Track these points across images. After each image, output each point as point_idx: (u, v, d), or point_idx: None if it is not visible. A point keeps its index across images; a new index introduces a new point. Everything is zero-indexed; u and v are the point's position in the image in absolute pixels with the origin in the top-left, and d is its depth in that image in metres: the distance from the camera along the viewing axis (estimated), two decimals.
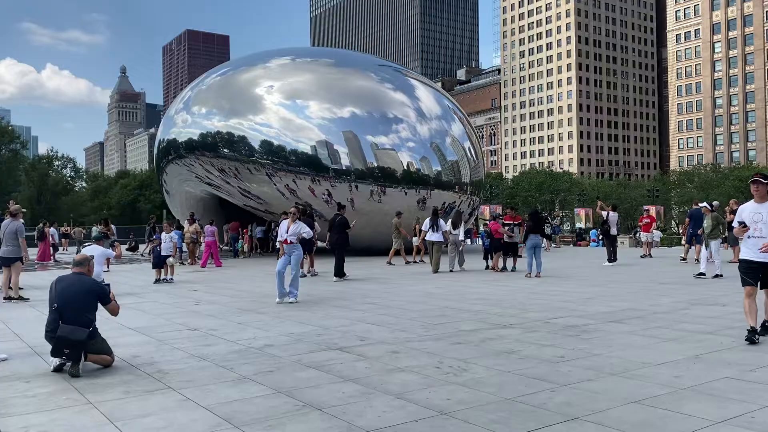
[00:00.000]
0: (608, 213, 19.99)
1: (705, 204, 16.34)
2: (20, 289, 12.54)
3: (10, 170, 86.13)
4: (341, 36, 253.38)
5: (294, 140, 24.38)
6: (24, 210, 13.66)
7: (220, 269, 20.24)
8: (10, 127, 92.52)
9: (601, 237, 24.72)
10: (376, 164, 24.29)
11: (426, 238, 18.48)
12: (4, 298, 11.93)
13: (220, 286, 14.63)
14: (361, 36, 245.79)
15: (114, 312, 6.52)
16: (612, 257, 19.68)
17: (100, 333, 6.18)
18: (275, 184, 24.50)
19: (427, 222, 18.56)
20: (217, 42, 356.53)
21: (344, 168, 24.03)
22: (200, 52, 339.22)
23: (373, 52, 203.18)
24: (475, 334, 7.76)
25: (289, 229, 11.73)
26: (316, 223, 18.22)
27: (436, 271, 17.56)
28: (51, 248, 26.04)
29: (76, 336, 5.71)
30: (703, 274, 14.55)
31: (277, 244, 12.59)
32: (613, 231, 20.06)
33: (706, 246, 15.15)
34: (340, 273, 15.69)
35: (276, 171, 24.36)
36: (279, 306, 10.81)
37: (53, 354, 5.90)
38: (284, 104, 25.21)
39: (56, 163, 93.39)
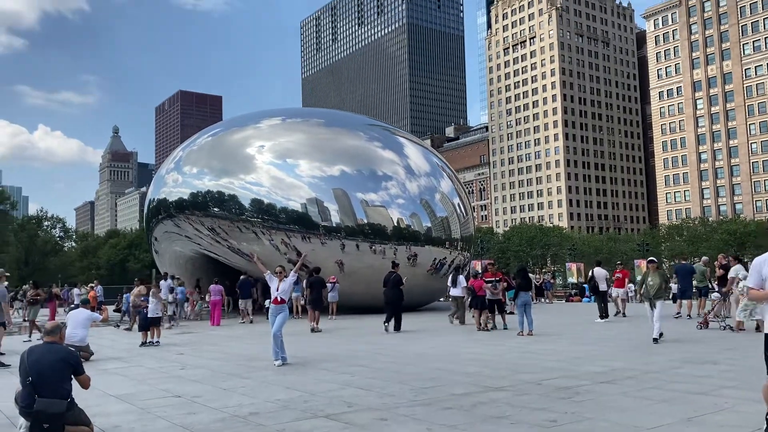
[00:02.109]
0: (593, 269, 20.03)
1: (652, 258, 14.58)
2: (1, 354, 12.25)
3: None
4: (332, 96, 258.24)
5: (284, 198, 24.48)
6: (8, 274, 13.49)
7: (213, 329, 19.91)
8: (0, 188, 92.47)
9: (591, 293, 24.63)
10: (366, 221, 24.34)
11: (450, 294, 20.03)
12: None
13: (208, 349, 14.36)
14: (352, 96, 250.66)
15: (85, 385, 6.13)
16: (603, 314, 19.56)
17: (76, 403, 5.98)
18: (267, 242, 24.41)
19: (449, 279, 19.94)
20: (210, 102, 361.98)
21: (334, 225, 24.06)
22: (193, 113, 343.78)
23: (364, 112, 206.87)
24: (467, 398, 7.60)
25: (279, 288, 11.54)
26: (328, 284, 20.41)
27: (463, 322, 18.76)
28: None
29: (54, 409, 5.52)
30: (658, 338, 13.02)
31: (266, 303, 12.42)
32: (602, 287, 19.97)
33: (652, 306, 13.30)
34: (392, 322, 17.09)
35: (266, 229, 24.35)
36: (266, 370, 10.59)
37: (32, 431, 5.66)
38: (275, 163, 25.41)
39: (45, 223, 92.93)
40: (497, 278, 17.78)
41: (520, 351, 12.42)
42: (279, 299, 11.39)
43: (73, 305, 26.11)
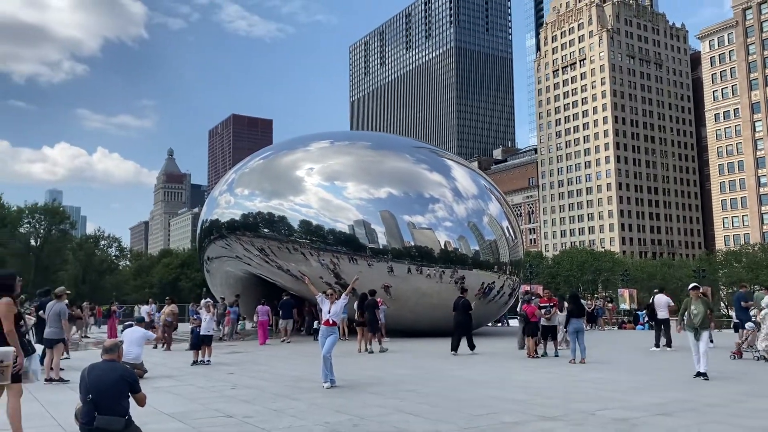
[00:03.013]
0: (653, 296, 19.45)
1: (696, 285, 12.79)
2: (61, 370, 12.64)
3: (59, 249, 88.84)
4: (379, 119, 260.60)
5: (332, 220, 24.68)
6: (68, 291, 13.97)
7: (260, 348, 20.12)
8: (61, 208, 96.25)
9: (647, 320, 23.89)
10: (413, 243, 24.27)
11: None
12: (45, 380, 12.01)
13: (257, 369, 14.49)
14: (399, 118, 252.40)
15: (141, 402, 6.22)
16: (660, 342, 18.96)
17: (133, 420, 6.10)
18: (314, 263, 24.62)
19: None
20: (261, 126, 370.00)
21: (381, 247, 24.07)
22: (245, 136, 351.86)
23: (411, 134, 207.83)
24: (519, 427, 7.43)
25: (330, 310, 11.60)
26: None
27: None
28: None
29: (114, 426, 5.65)
30: (704, 374, 11.76)
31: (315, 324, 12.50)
32: (661, 315, 19.33)
33: (697, 337, 11.96)
34: (471, 346, 17.78)
35: (314, 250, 24.56)
36: (314, 391, 10.60)
37: None
38: (323, 185, 25.71)
39: (102, 242, 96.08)
40: (551, 304, 17.39)
41: (572, 379, 12.11)
42: (331, 321, 11.44)
43: (127, 323, 26.70)
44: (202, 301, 24.49)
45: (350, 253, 24.13)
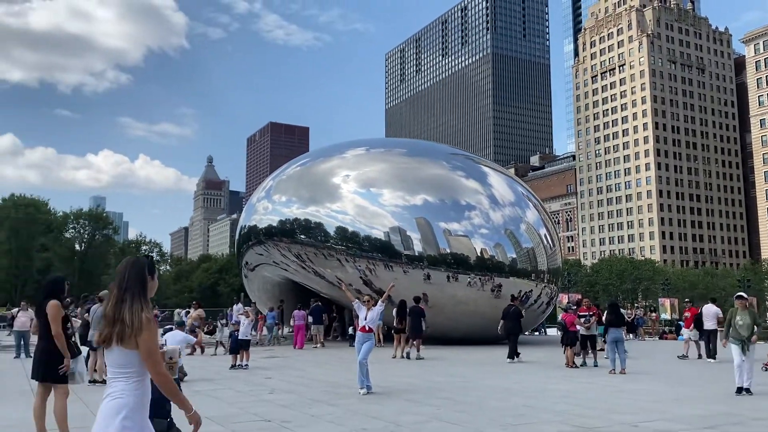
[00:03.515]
0: (702, 306, 19.06)
1: (741, 294, 11.80)
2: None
3: (102, 254, 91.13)
4: (415, 126, 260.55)
5: (368, 226, 24.79)
6: None
7: (297, 353, 20.27)
8: (104, 214, 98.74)
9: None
10: (448, 250, 24.20)
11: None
12: (90, 382, 12.31)
13: (294, 374, 14.61)
14: (435, 125, 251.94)
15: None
16: (706, 353, 18.51)
17: (175, 422, 6.21)
18: (350, 269, 24.73)
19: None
20: (298, 133, 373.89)
21: (417, 254, 24.05)
22: (282, 143, 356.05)
23: (447, 140, 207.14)
24: None
25: (367, 316, 11.63)
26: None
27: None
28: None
29: (156, 428, 5.74)
30: (747, 390, 11.02)
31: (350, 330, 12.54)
32: (707, 325, 18.85)
33: (744, 350, 11.01)
34: (512, 355, 17.68)
35: (350, 256, 24.69)
36: (351, 397, 10.63)
37: None
38: (359, 192, 25.86)
39: (144, 247, 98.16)
40: (591, 313, 17.13)
41: (612, 389, 11.89)
42: (367, 328, 11.47)
43: (167, 327, 27.15)
44: (235, 306, 24.82)
45: (386, 259, 24.18)
